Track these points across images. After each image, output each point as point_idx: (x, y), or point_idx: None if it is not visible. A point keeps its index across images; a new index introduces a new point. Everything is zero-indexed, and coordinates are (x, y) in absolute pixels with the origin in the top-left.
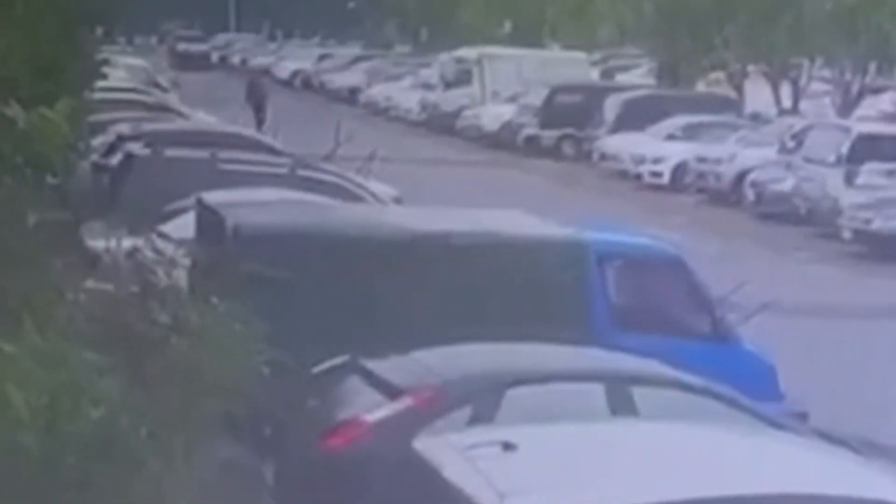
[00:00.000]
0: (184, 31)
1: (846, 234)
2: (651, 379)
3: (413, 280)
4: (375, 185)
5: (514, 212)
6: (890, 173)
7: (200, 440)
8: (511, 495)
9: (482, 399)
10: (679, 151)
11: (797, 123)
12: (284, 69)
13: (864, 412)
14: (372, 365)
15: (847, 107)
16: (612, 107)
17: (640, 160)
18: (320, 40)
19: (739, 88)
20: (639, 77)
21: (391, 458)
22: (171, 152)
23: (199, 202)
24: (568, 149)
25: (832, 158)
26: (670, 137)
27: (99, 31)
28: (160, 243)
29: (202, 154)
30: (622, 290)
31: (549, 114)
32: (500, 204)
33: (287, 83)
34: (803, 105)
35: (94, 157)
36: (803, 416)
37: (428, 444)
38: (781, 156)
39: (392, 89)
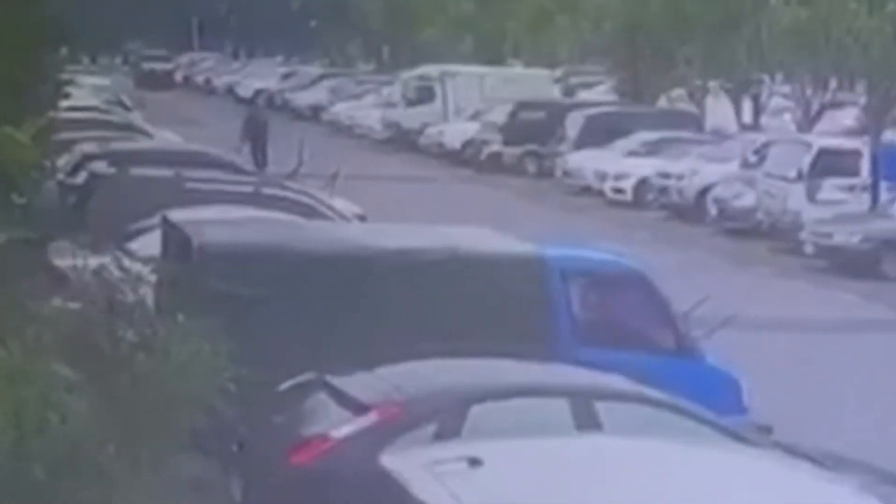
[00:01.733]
0: (148, 51)
1: (808, 249)
2: (615, 394)
3: (378, 297)
4: (339, 203)
5: (477, 228)
6: (851, 188)
7: (167, 456)
8: None
9: (447, 415)
10: (641, 167)
11: (758, 139)
12: (248, 88)
13: (828, 425)
14: (337, 381)
15: (808, 122)
16: (574, 123)
17: (603, 176)
18: (283, 59)
19: (700, 104)
20: (601, 94)
21: (357, 474)
22: (136, 171)
23: (165, 220)
24: (531, 165)
25: (794, 174)
26: (632, 154)
27: (63, 51)
28: (126, 261)
29: (167, 173)
30: (586, 306)
31: (512, 131)
32: (463, 221)
33: (250, 102)
34: (764, 121)
35: (60, 176)
36: (767, 430)
37: (394, 460)
38: (743, 171)
39: (355, 107)
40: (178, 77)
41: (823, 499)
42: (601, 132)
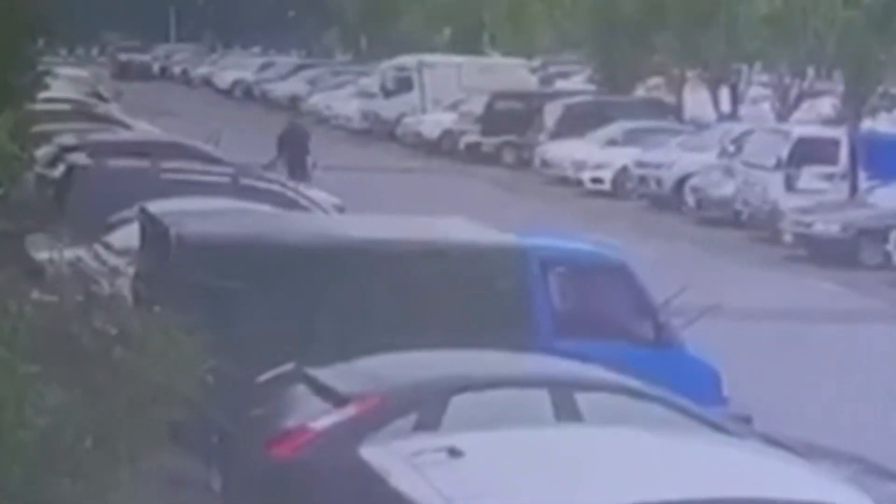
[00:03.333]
0: (125, 42)
1: (787, 238)
2: (595, 384)
3: (356, 288)
4: (317, 194)
5: (456, 219)
6: (830, 177)
7: (146, 449)
8: (458, 501)
9: (427, 406)
10: (620, 157)
11: (737, 128)
12: (225, 79)
13: (807, 415)
14: (317, 373)
15: (786, 111)
16: (552, 113)
17: (581, 166)
18: (261, 50)
19: (678, 94)
20: (579, 83)
21: (337, 466)
22: (114, 163)
23: (143, 212)
24: (509, 156)
25: (772, 162)
26: (611, 143)
27: (40, 42)
28: (104, 253)
29: (145, 164)
30: (565, 296)
31: (490, 121)
32: (441, 211)
33: (228, 93)
34: (743, 110)
35: (38, 168)
36: (747, 420)
37: (374, 452)
38: (721, 160)
39: (333, 98)
40: (156, 68)
41: (801, 488)
42: (579, 122)
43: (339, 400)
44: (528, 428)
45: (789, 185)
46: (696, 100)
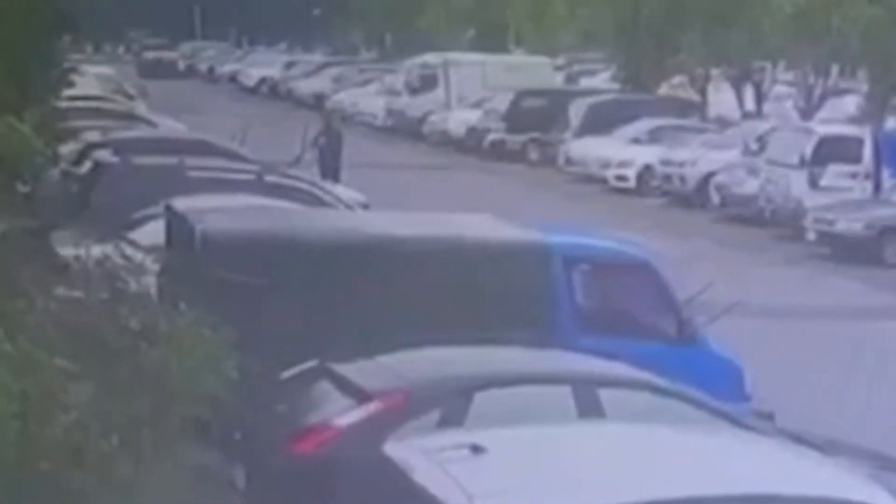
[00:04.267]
0: (151, 40)
1: (810, 236)
2: (618, 381)
3: (379, 284)
4: (342, 191)
5: (480, 216)
6: (853, 175)
7: (170, 445)
8: (480, 498)
9: (451, 402)
10: (644, 155)
11: (760, 126)
12: (251, 76)
13: (830, 412)
14: (341, 369)
15: (810, 110)
16: (577, 111)
17: (606, 164)
18: (286, 47)
19: (703, 92)
20: (603, 81)
21: (361, 463)
22: (139, 160)
23: (168, 209)
24: (534, 153)
25: (796, 161)
26: (635, 141)
27: (66, 40)
28: (129, 250)
29: (170, 161)
30: (589, 293)
31: (515, 118)
32: (466, 208)
33: (253, 90)
34: (766, 108)
35: (63, 165)
36: (769, 417)
37: (397, 448)
38: (745, 158)
39: (358, 95)
40: (182, 66)
41: (822, 485)
42: (604, 120)
43: (362, 396)
44: (551, 425)
45: (813, 183)
46: (720, 98)
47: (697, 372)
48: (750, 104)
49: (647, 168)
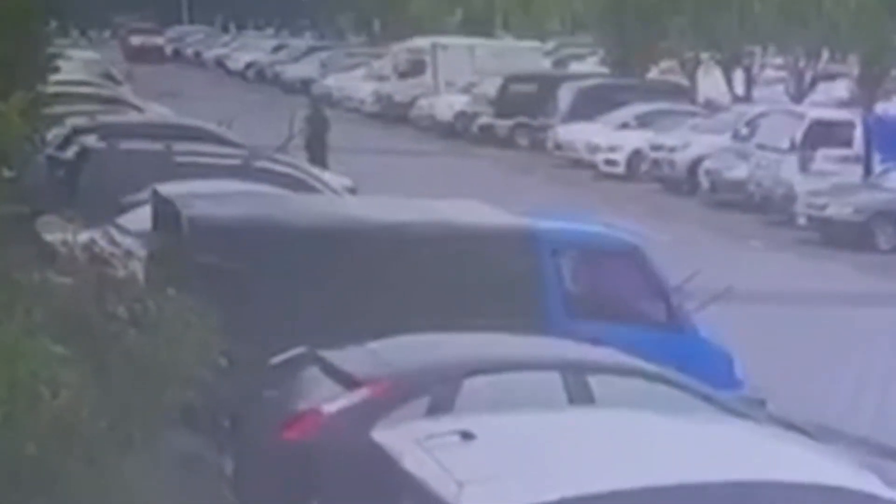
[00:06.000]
0: (137, 24)
1: (801, 221)
2: (608, 367)
3: (368, 270)
4: (330, 176)
5: (468, 202)
6: (844, 159)
7: (158, 431)
8: (470, 484)
9: (440, 389)
10: (633, 140)
11: (751, 111)
12: (238, 61)
13: (820, 398)
14: (329, 356)
15: (801, 94)
16: (565, 96)
17: (595, 149)
18: (274, 32)
19: (692, 76)
20: (592, 66)
21: (350, 449)
22: (126, 145)
23: (155, 194)
24: (522, 138)
25: (786, 145)
26: (624, 126)
27: (52, 24)
28: (117, 236)
29: (157, 146)
30: (578, 279)
31: (503, 103)
32: (454, 194)
33: (241, 75)
34: (757, 92)
35: (50, 150)
36: (760, 403)
37: (386, 435)
38: (735, 143)
39: (346, 80)
40: (168, 50)
41: (813, 471)
42: (593, 104)
43: (351, 383)
44: (540, 411)
45: (803, 168)
46: (710, 82)
47: (687, 358)
48: (740, 88)
49: (637, 153)
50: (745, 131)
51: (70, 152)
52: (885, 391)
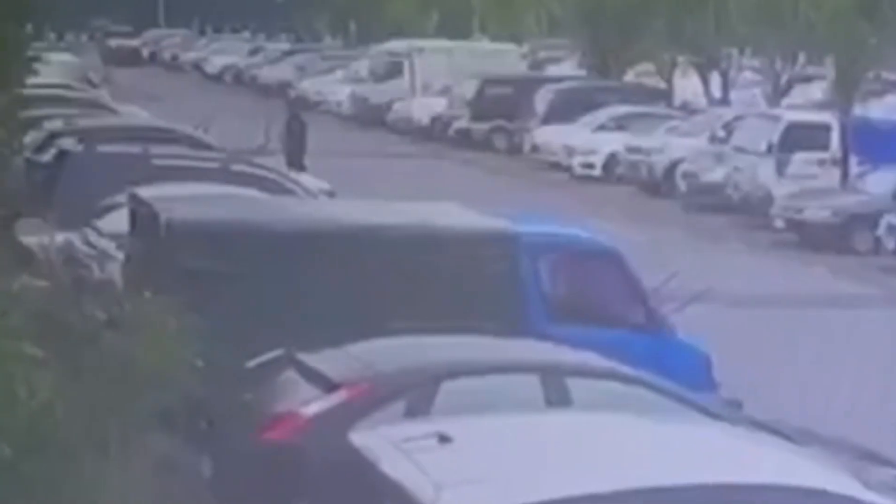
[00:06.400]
0: (114, 28)
1: (778, 224)
2: (586, 370)
3: (346, 273)
4: (307, 179)
5: (446, 204)
6: (821, 162)
7: (136, 434)
8: (447, 487)
9: (417, 392)
10: (610, 142)
11: (727, 113)
12: (214, 64)
13: (798, 400)
14: (307, 358)
15: (777, 96)
16: (542, 98)
17: (572, 152)
18: (250, 35)
19: (669, 79)
20: (569, 69)
21: (327, 452)
22: (103, 148)
23: (133, 197)
24: (499, 141)
25: (763, 148)
26: (601, 129)
27: (29, 27)
28: (94, 238)
29: (135, 149)
30: (556, 282)
31: (480, 106)
32: (432, 196)
33: (217, 78)
34: (733, 95)
35: (27, 153)
36: (738, 405)
37: (364, 438)
38: (712, 146)
39: (323, 83)
40: (145, 53)
41: (791, 474)
42: (570, 107)
43: (329, 386)
44: (518, 414)
45: (780, 171)
46: (687, 85)
47: (665, 360)
48: (716, 91)
49: (614, 156)
50: (722, 134)
51: (48, 156)
52: (863, 393)
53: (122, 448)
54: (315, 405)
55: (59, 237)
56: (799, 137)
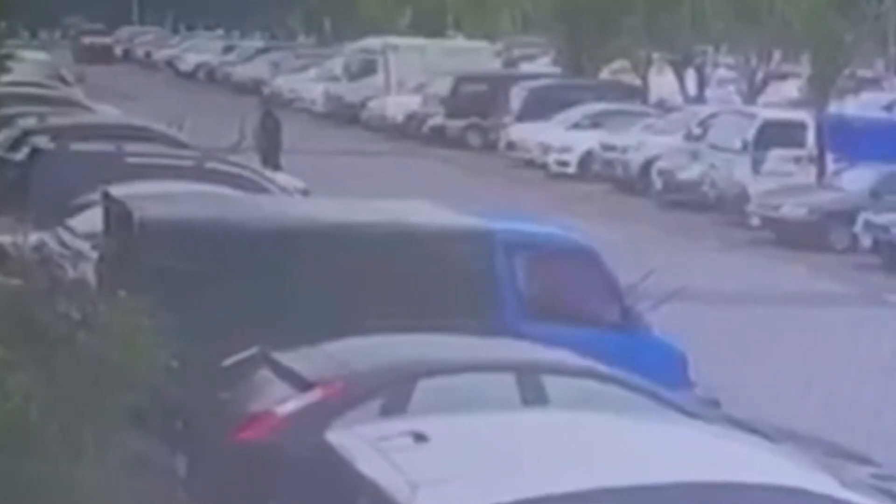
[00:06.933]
0: (88, 25)
1: (754, 221)
2: (562, 368)
3: (320, 271)
4: (282, 177)
5: (420, 202)
6: (797, 159)
7: (111, 434)
8: (423, 486)
9: (393, 390)
10: (585, 140)
11: (703, 111)
12: (188, 62)
13: (774, 398)
14: (282, 357)
15: (753, 94)
16: (517, 96)
17: (547, 149)
18: (224, 32)
19: (644, 76)
20: (543, 66)
21: (303, 451)
22: (77, 146)
23: (106, 195)
24: (474, 138)
25: (738, 145)
26: (576, 126)
27: (2, 25)
28: (67, 237)
29: (108, 147)
30: (531, 280)
31: (455, 103)
32: (406, 194)
33: (191, 76)
34: (709, 92)
35: (0, 151)
36: (714, 404)
37: (339, 436)
38: (688, 143)
39: (296, 81)
40: (118, 51)
41: (768, 472)
42: (544, 104)
43: (304, 385)
44: (494, 412)
45: (756, 168)
46: (662, 82)
47: (641, 358)
48: (692, 88)
49: (589, 153)
50: (697, 131)
51: (21, 154)
52: (839, 390)
53: (97, 448)
54: (290, 404)
55: (33, 236)
56: (775, 135)
